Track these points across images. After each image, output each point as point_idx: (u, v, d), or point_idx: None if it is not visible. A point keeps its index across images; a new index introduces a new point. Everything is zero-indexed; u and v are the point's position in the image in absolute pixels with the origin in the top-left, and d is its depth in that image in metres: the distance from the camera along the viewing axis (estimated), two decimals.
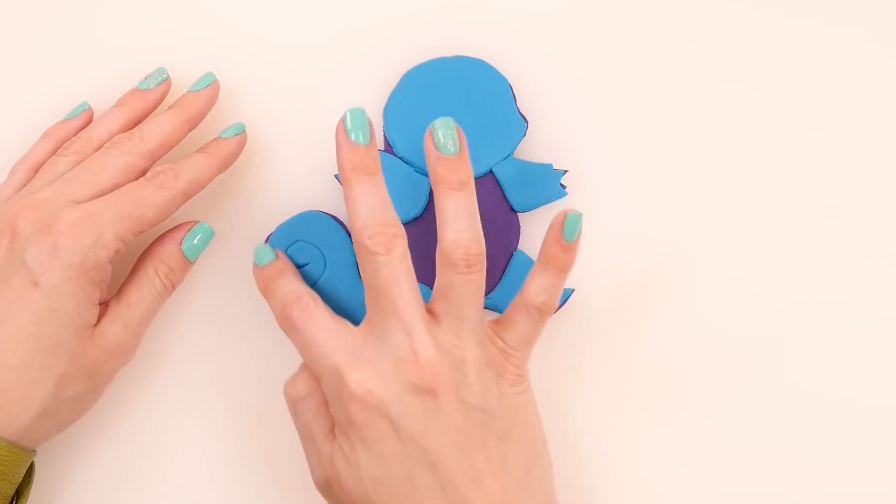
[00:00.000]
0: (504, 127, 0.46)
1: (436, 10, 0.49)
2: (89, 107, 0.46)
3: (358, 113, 0.39)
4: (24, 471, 0.40)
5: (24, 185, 0.44)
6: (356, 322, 0.41)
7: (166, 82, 0.46)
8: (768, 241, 0.48)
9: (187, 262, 0.44)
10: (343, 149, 0.39)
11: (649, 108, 0.49)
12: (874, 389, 0.47)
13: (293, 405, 0.41)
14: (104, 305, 0.42)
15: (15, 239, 0.40)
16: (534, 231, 0.46)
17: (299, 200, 0.47)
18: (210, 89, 0.45)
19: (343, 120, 0.39)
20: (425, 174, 0.46)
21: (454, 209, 0.39)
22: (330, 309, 0.41)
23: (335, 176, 0.46)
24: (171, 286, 0.43)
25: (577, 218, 0.40)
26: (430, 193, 0.46)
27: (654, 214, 0.48)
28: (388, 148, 0.46)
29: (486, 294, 0.46)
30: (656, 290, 0.46)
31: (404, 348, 0.38)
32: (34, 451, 0.40)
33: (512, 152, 0.46)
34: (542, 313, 0.41)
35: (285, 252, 0.45)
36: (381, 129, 0.47)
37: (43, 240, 0.39)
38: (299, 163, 0.47)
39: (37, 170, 0.45)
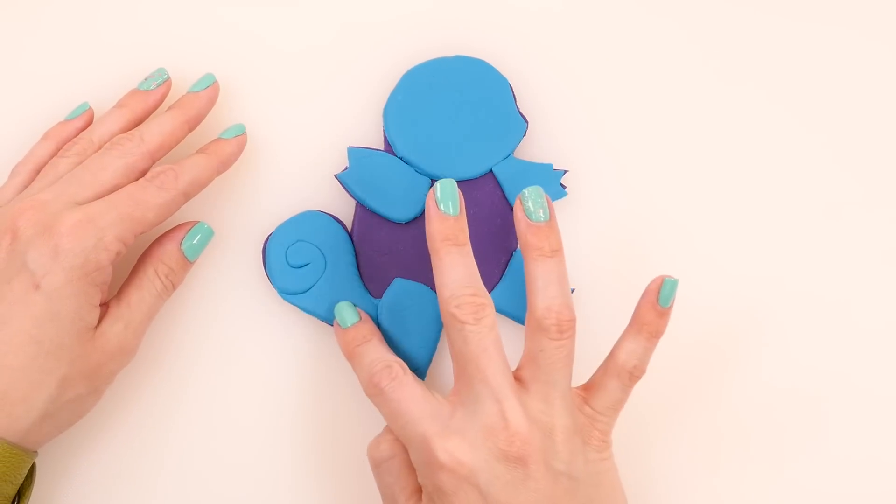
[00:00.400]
0: (504, 127, 0.46)
1: (436, 10, 0.49)
2: (90, 107, 0.46)
3: (448, 184, 0.40)
4: (26, 471, 0.40)
5: (26, 187, 0.44)
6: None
7: (167, 83, 0.46)
8: (768, 240, 0.48)
9: (187, 262, 0.44)
10: (433, 220, 0.40)
11: (649, 109, 0.49)
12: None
13: (376, 466, 0.41)
14: (105, 307, 0.42)
15: (16, 241, 0.40)
16: None
17: (299, 200, 0.47)
18: (210, 90, 0.45)
19: (434, 191, 0.40)
20: (425, 174, 0.46)
21: (545, 276, 0.40)
22: (417, 377, 0.41)
23: (335, 176, 0.46)
24: (171, 286, 0.43)
25: (674, 284, 0.41)
26: None
27: (653, 214, 0.48)
28: (388, 148, 0.46)
29: None
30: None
31: (494, 416, 0.38)
32: (36, 452, 0.40)
33: (512, 152, 0.46)
34: (633, 378, 0.41)
35: (285, 252, 0.45)
36: (382, 129, 0.47)
37: (44, 242, 0.39)
38: (299, 163, 0.47)
39: (38, 171, 0.45)
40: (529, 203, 0.40)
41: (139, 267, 0.43)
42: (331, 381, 0.46)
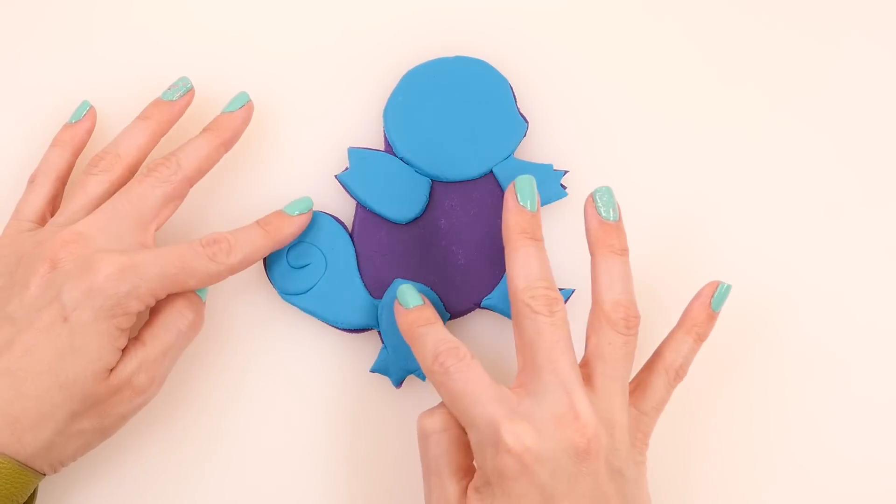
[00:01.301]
0: (504, 127, 0.46)
1: (436, 11, 0.49)
2: (91, 106, 0.46)
3: (528, 180, 0.41)
4: (30, 493, 0.40)
5: (53, 199, 0.44)
6: None
7: (190, 92, 0.46)
8: (768, 240, 0.48)
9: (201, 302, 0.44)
10: (511, 212, 0.41)
11: (650, 109, 0.49)
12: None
13: (425, 436, 0.40)
14: (126, 350, 0.41)
15: (54, 271, 0.40)
16: None
17: None
18: (244, 110, 0.45)
19: (514, 185, 0.41)
20: (425, 174, 0.46)
21: (615, 272, 0.40)
22: (481, 364, 0.40)
23: (335, 176, 0.46)
24: (186, 325, 0.42)
25: (728, 289, 0.42)
26: (430, 194, 0.46)
27: (654, 214, 0.48)
28: (389, 148, 0.46)
29: (486, 294, 0.46)
30: (656, 290, 0.46)
31: (563, 406, 0.38)
32: (43, 474, 0.40)
33: (512, 152, 0.46)
34: (678, 377, 0.42)
35: (286, 253, 0.45)
36: (382, 129, 0.47)
37: (82, 278, 0.39)
38: (299, 163, 0.47)
39: (61, 181, 0.45)
40: (602, 201, 0.41)
41: (155, 308, 0.42)
42: (332, 381, 0.46)
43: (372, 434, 0.45)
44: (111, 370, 0.40)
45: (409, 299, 0.42)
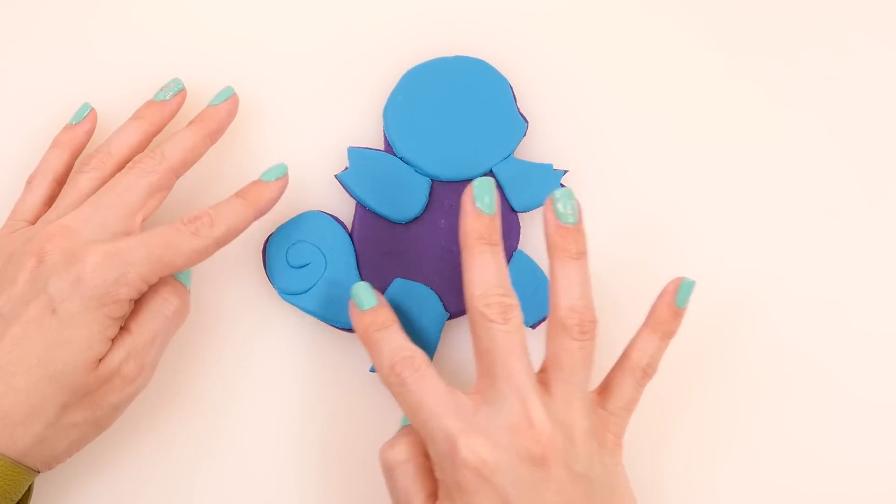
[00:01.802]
0: (504, 127, 0.46)
1: (436, 11, 0.49)
2: (92, 108, 0.46)
3: (486, 183, 0.40)
4: (24, 490, 0.40)
5: (49, 200, 0.44)
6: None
7: (182, 93, 0.46)
8: (770, 239, 0.48)
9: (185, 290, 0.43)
10: (469, 216, 0.40)
11: (649, 109, 0.49)
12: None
13: (390, 469, 0.40)
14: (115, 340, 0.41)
15: (41, 265, 0.40)
16: (534, 231, 0.46)
17: (299, 200, 0.47)
18: (229, 103, 0.45)
19: (471, 188, 0.40)
20: (425, 174, 0.46)
21: (570, 277, 0.40)
22: (437, 372, 0.40)
23: (335, 176, 0.46)
24: (171, 311, 0.42)
25: (691, 285, 0.42)
26: (430, 193, 0.46)
27: (654, 214, 0.48)
28: (388, 148, 0.46)
29: None
30: (656, 290, 0.46)
31: (518, 415, 0.38)
32: (37, 471, 0.40)
33: (512, 152, 0.46)
34: (646, 376, 0.41)
35: (285, 252, 0.45)
36: (382, 129, 0.47)
37: (68, 269, 0.39)
38: (299, 163, 0.47)
39: (58, 182, 0.45)
40: (560, 204, 0.40)
41: (140, 297, 0.42)
42: (332, 381, 0.46)
43: (372, 434, 0.45)
44: (101, 361, 0.40)
45: (364, 300, 0.42)
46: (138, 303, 0.42)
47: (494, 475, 0.37)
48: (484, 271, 0.39)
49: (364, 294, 0.42)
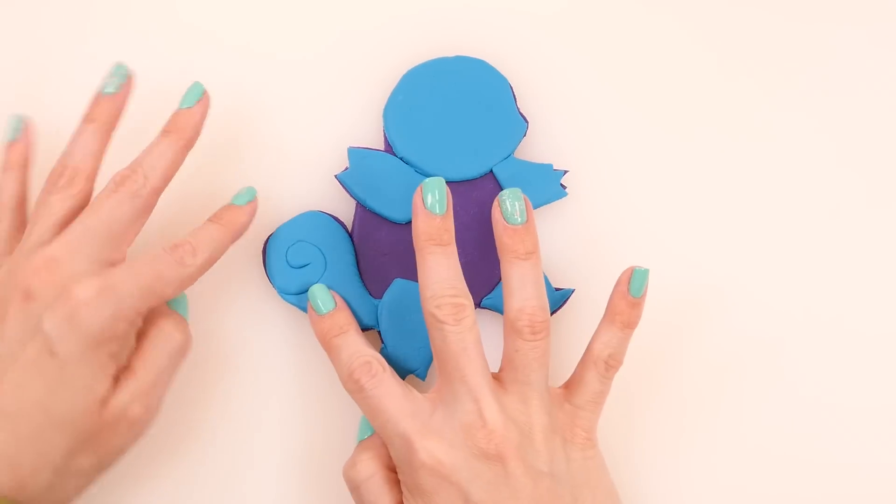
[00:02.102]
0: (504, 127, 0.46)
1: (436, 11, 0.49)
2: (23, 119, 0.44)
3: (436, 182, 0.40)
4: None
5: (20, 226, 0.43)
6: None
7: (129, 80, 0.43)
8: (768, 241, 0.48)
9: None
10: (419, 218, 0.40)
11: (649, 109, 0.49)
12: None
13: (355, 487, 0.41)
14: (117, 379, 0.40)
15: (30, 302, 0.38)
16: None
17: (299, 200, 0.47)
18: (201, 104, 0.43)
19: (421, 189, 0.40)
20: (425, 174, 0.46)
21: (520, 277, 0.40)
22: (395, 373, 0.41)
23: (335, 176, 0.46)
24: (175, 348, 0.42)
25: (644, 274, 0.42)
26: None
27: (653, 214, 0.48)
28: (388, 148, 0.46)
29: (486, 295, 0.46)
30: (656, 290, 0.46)
31: (472, 415, 0.38)
32: None
33: (512, 152, 0.46)
34: (609, 367, 0.41)
35: (285, 252, 0.45)
36: (382, 129, 0.47)
37: (61, 307, 0.38)
38: (299, 163, 0.47)
39: (22, 205, 0.43)
40: (507, 205, 0.40)
41: (142, 333, 0.41)
42: (331, 381, 0.46)
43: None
44: (104, 403, 0.39)
45: (322, 303, 0.42)
46: (140, 340, 0.41)
47: (452, 474, 0.37)
48: (435, 272, 0.39)
49: (321, 297, 0.42)
